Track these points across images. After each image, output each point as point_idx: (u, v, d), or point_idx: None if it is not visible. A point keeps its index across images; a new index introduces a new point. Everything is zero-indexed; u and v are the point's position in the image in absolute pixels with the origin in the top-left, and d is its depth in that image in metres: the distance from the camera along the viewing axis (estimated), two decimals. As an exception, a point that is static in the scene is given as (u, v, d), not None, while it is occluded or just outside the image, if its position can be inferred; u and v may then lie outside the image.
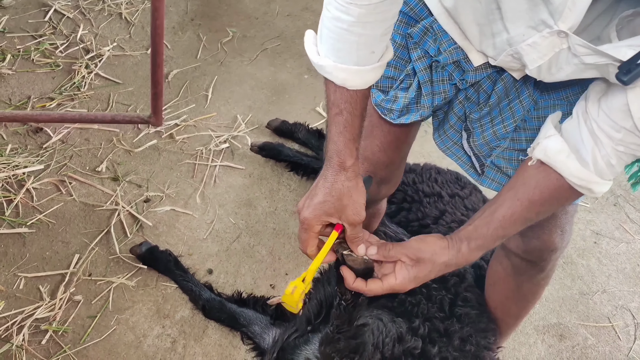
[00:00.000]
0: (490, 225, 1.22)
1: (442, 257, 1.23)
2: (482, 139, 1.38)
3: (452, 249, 1.24)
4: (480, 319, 1.74)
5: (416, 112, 1.40)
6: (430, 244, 1.24)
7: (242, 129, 2.60)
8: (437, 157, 2.65)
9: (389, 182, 1.63)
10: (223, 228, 2.28)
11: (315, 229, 1.22)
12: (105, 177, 2.35)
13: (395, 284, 1.24)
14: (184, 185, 2.39)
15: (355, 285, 1.25)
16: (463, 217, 1.99)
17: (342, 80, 1.17)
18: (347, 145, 1.20)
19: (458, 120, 1.42)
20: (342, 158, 1.20)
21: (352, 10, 1.10)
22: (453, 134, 1.44)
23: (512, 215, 1.21)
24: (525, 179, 1.21)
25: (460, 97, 1.39)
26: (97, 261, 2.11)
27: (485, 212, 1.25)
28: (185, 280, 2.03)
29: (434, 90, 1.37)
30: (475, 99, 1.38)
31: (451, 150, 1.46)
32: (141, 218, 2.24)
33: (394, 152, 1.54)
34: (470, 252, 1.24)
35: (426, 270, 1.24)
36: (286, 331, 1.77)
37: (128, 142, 2.49)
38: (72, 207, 2.25)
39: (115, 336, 1.95)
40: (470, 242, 1.24)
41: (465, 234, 1.25)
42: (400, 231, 1.96)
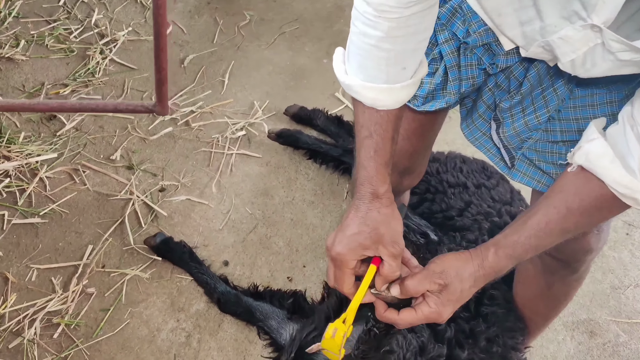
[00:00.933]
0: (522, 233, 1.11)
1: (467, 270, 1.12)
2: (512, 130, 1.28)
3: (475, 258, 1.13)
4: (507, 318, 1.66)
5: (442, 99, 1.31)
6: (449, 261, 1.13)
7: (259, 116, 2.52)
8: (462, 145, 2.54)
9: (413, 173, 1.54)
10: (239, 218, 2.22)
11: (350, 264, 1.13)
12: (120, 165, 2.30)
13: (430, 312, 1.13)
14: (199, 174, 2.33)
15: (387, 315, 1.16)
16: (489, 209, 1.89)
17: (371, 100, 1.09)
18: (378, 171, 1.11)
19: (487, 109, 1.32)
20: (375, 185, 1.12)
21: (380, 24, 1.02)
22: (482, 123, 1.34)
23: (547, 223, 1.09)
24: (563, 185, 1.09)
25: (489, 83, 1.29)
26: (110, 252, 2.06)
27: (518, 221, 1.14)
28: (201, 272, 1.97)
29: (462, 76, 1.28)
30: (506, 86, 1.28)
31: (480, 142, 1.37)
32: (156, 208, 2.18)
33: (418, 141, 1.45)
34: (499, 260, 1.12)
35: (456, 290, 1.13)
36: (304, 328, 1.71)
37: (143, 129, 2.43)
38: (85, 196, 2.20)
39: (129, 330, 1.90)
40: (498, 249, 1.13)
41: (492, 241, 1.15)
42: (424, 223, 1.87)
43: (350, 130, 2.40)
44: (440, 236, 1.83)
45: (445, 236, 1.82)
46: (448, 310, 1.14)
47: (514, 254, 1.12)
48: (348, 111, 2.60)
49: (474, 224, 1.84)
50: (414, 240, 1.77)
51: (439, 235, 1.83)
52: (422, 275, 1.13)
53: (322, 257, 2.15)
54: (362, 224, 1.11)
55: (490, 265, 1.12)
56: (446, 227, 1.85)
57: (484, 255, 1.13)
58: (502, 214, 1.88)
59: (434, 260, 1.16)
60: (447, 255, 1.16)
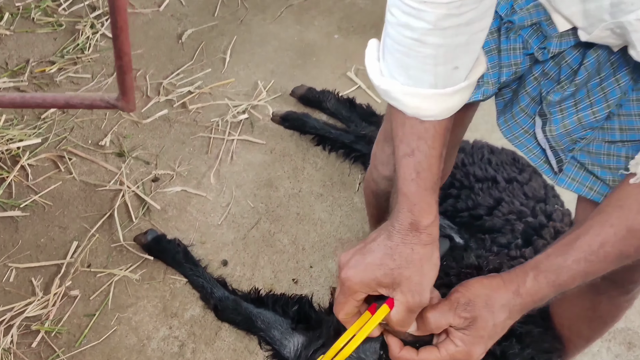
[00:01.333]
0: (569, 256, 0.90)
1: (500, 299, 0.91)
2: (562, 128, 1.06)
3: (509, 284, 0.92)
4: (543, 338, 1.45)
5: (477, 90, 1.09)
6: (477, 288, 0.92)
7: (263, 97, 2.29)
8: (487, 131, 2.30)
9: None
10: (240, 212, 2.01)
11: (357, 296, 0.93)
12: (109, 152, 2.09)
13: (457, 351, 0.92)
14: (197, 162, 2.11)
15: (403, 356, 0.95)
16: (522, 208, 1.67)
17: (414, 109, 0.88)
18: (422, 197, 0.90)
19: (531, 102, 1.10)
20: (416, 216, 0.90)
21: (426, 13, 0.80)
22: (524, 119, 1.12)
23: (601, 245, 0.88)
24: (622, 199, 0.89)
25: (535, 71, 1.07)
26: (97, 250, 1.87)
27: (563, 239, 0.93)
28: (196, 275, 1.77)
29: (502, 62, 1.07)
30: (555, 74, 1.05)
31: (520, 141, 1.15)
32: (148, 200, 1.98)
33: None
34: (539, 288, 0.91)
35: (487, 324, 0.91)
36: (310, 344, 1.51)
37: (136, 112, 2.21)
38: (71, 186, 1.99)
39: (116, 338, 1.71)
40: (538, 274, 0.91)
41: (531, 263, 0.93)
42: (447, 224, 1.65)
43: (364, 114, 2.17)
44: (466, 239, 1.61)
45: (472, 239, 1.61)
46: (479, 349, 0.93)
47: (557, 280, 0.91)
48: (361, 93, 2.36)
49: (505, 225, 1.61)
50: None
51: (464, 238, 1.61)
52: (445, 307, 0.92)
53: (331, 256, 1.94)
54: (387, 256, 0.91)
55: (528, 293, 0.91)
56: (473, 229, 1.63)
57: (520, 280, 0.91)
58: (537, 213, 1.66)
59: (458, 289, 0.95)
60: (474, 281, 0.94)
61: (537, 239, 1.61)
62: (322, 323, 1.57)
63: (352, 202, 2.06)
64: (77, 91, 2.22)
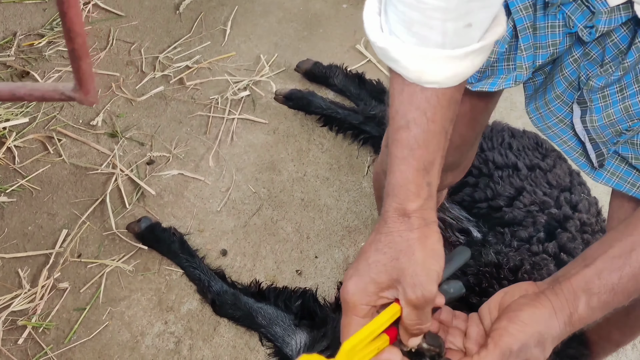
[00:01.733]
0: (624, 273, 0.77)
1: (552, 332, 0.77)
2: (605, 118, 0.92)
3: (561, 313, 0.77)
4: (569, 344, 1.32)
5: (506, 75, 0.95)
6: (529, 325, 0.76)
7: (266, 73, 2.14)
8: (506, 110, 2.15)
9: (458, 167, 1.18)
10: (241, 198, 1.88)
11: (359, 311, 0.77)
12: (101, 132, 1.96)
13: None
14: (194, 143, 1.98)
15: None
16: (546, 198, 1.53)
17: (417, 72, 0.74)
18: (411, 179, 0.77)
19: (568, 88, 0.96)
20: (401, 199, 0.77)
21: None
22: (559, 107, 0.97)
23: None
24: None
25: (575, 52, 0.93)
26: (88, 238, 1.75)
27: (612, 251, 0.79)
28: (193, 266, 1.65)
29: (538, 42, 0.92)
30: (599, 55, 0.91)
31: (553, 131, 1.00)
32: (143, 185, 1.85)
33: (468, 128, 1.09)
34: (592, 313, 0.78)
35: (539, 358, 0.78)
36: (314, 345, 1.39)
37: (130, 88, 2.07)
38: (60, 170, 1.87)
39: (107, 334, 1.61)
40: (591, 297, 0.78)
41: (581, 284, 0.78)
42: (464, 216, 1.52)
43: (374, 92, 2.02)
44: (484, 233, 1.48)
45: (491, 233, 1.47)
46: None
47: (612, 302, 0.79)
48: (371, 67, 2.20)
49: (527, 217, 1.48)
50: (451, 239, 1.42)
51: (482, 232, 1.48)
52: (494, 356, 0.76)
53: (337, 245, 1.82)
54: (378, 252, 0.77)
55: (580, 320, 0.78)
56: (492, 221, 1.50)
57: (572, 307, 0.78)
58: (562, 203, 1.52)
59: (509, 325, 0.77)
60: (525, 315, 0.77)
61: (562, 232, 1.47)
62: (327, 321, 1.46)
63: (361, 187, 1.93)
64: (67, 66, 2.08)
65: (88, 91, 0.70)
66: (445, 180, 1.18)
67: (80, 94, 0.71)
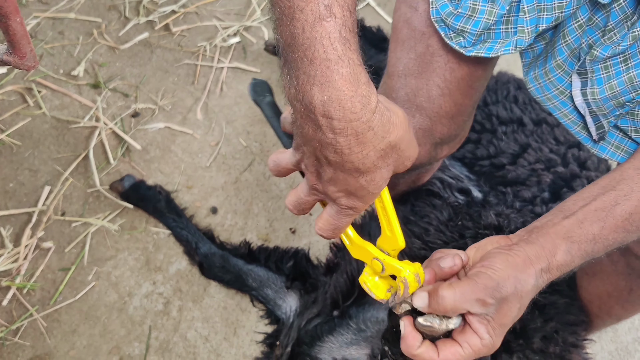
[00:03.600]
0: (607, 224, 0.77)
1: (529, 280, 0.76)
2: (607, 90, 0.84)
3: (538, 261, 0.77)
4: (569, 310, 1.27)
5: (505, 39, 0.88)
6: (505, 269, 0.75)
7: (257, 17, 2.01)
8: (513, 60, 2.03)
9: (454, 140, 1.10)
10: (231, 152, 1.79)
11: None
12: (83, 83, 1.85)
13: (484, 345, 0.76)
14: (182, 93, 1.87)
15: (421, 353, 0.77)
16: (552, 155, 1.44)
17: None
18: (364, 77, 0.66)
19: (570, 56, 0.88)
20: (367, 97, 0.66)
21: None
22: (560, 77, 0.90)
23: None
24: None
25: (581, 16, 0.85)
26: (72, 196, 1.68)
27: (595, 203, 0.78)
28: (180, 226, 1.59)
29: (543, 4, 0.84)
30: (602, 20, 0.83)
31: (554, 103, 0.93)
32: (127, 139, 1.76)
33: (464, 97, 1.01)
34: (571, 260, 0.78)
35: (513, 311, 0.77)
36: (304, 312, 1.34)
37: (113, 35, 1.95)
38: (41, 123, 1.78)
39: (94, 295, 1.56)
40: (571, 245, 0.77)
41: (562, 231, 0.78)
42: (464, 175, 1.43)
43: (373, 39, 1.89)
44: (485, 192, 1.39)
45: (493, 192, 1.39)
46: (502, 336, 0.79)
47: (592, 252, 0.79)
48: (370, 12, 2.07)
49: (531, 176, 1.40)
50: (450, 200, 1.34)
51: (483, 192, 1.40)
52: (468, 288, 0.74)
53: (333, 202, 1.74)
54: None
55: (558, 268, 0.78)
56: (494, 180, 1.41)
57: (549, 254, 0.77)
58: (569, 161, 1.44)
59: (481, 269, 0.76)
60: (499, 260, 0.77)
61: (567, 192, 1.39)
62: (318, 285, 1.40)
63: (357, 141, 1.84)
64: (46, 12, 1.95)
65: (24, 54, 0.61)
66: (440, 153, 1.10)
67: (15, 58, 0.61)
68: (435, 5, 0.90)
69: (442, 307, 0.75)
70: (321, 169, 0.71)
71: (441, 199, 1.33)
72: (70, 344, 1.49)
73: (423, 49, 0.96)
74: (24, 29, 0.50)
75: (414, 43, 0.97)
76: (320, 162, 0.70)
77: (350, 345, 1.21)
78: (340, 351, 1.23)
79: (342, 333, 1.25)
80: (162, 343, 1.52)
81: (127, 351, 1.50)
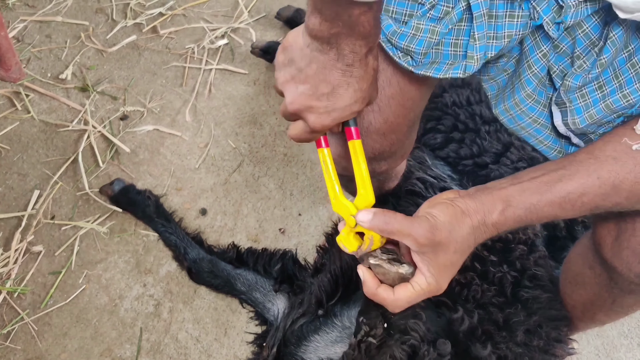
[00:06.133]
0: (544, 197, 0.82)
1: (464, 229, 0.82)
2: (588, 119, 0.87)
3: (475, 215, 0.83)
4: (552, 305, 1.29)
5: (453, 61, 0.89)
6: (441, 215, 0.82)
7: (245, 19, 2.02)
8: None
9: (391, 156, 1.11)
10: (220, 154, 1.81)
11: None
12: (71, 86, 1.86)
13: (429, 285, 0.84)
14: (170, 96, 1.88)
15: (379, 293, 0.86)
16: (534, 153, 1.46)
17: None
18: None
19: (539, 85, 0.90)
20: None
21: None
22: (531, 107, 0.92)
23: (581, 196, 0.81)
24: (618, 153, 0.80)
25: (543, 45, 0.87)
26: (61, 199, 1.69)
27: (542, 177, 0.84)
28: (168, 231, 1.60)
29: (493, 32, 0.86)
30: (569, 47, 0.85)
31: (528, 132, 0.96)
32: (116, 141, 1.77)
33: (396, 116, 1.03)
34: (505, 221, 0.84)
35: (449, 254, 0.83)
36: (290, 313, 1.36)
37: (100, 38, 1.96)
38: (29, 127, 1.78)
39: (85, 298, 1.57)
40: (507, 208, 0.83)
41: (503, 195, 0.83)
42: (447, 174, 1.45)
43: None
44: (469, 192, 1.41)
45: (477, 192, 1.41)
46: (445, 279, 0.86)
47: (525, 219, 0.84)
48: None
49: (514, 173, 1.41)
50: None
51: (467, 191, 1.41)
52: (406, 223, 0.81)
53: (322, 202, 1.76)
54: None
55: (493, 224, 0.84)
56: (478, 179, 1.43)
57: (487, 211, 0.83)
58: (551, 159, 1.45)
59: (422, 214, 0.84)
60: (439, 208, 0.83)
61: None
62: (305, 287, 1.42)
63: (345, 141, 1.85)
64: (33, 16, 1.95)
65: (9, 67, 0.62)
66: (378, 168, 1.13)
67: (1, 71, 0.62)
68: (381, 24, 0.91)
69: (377, 225, 0.82)
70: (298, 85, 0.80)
71: (424, 199, 1.35)
72: (62, 347, 1.50)
73: None
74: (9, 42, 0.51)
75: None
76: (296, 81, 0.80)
77: (336, 344, 1.23)
78: (326, 350, 1.25)
79: (328, 332, 1.27)
80: (154, 345, 1.54)
81: (119, 353, 1.52)
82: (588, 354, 1.62)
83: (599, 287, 1.15)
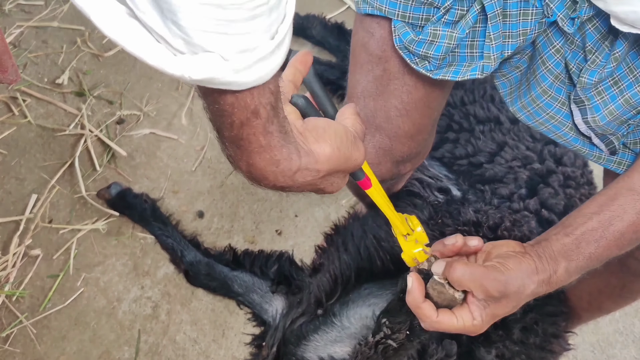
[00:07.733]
0: (601, 242, 0.83)
1: (531, 286, 0.82)
2: (608, 116, 0.87)
3: (542, 273, 0.83)
4: (548, 301, 1.30)
5: (470, 63, 0.90)
6: (515, 270, 0.81)
7: (240, 23, 2.04)
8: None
9: (416, 157, 1.13)
10: (216, 156, 1.82)
11: None
12: (68, 91, 1.87)
13: (473, 325, 0.83)
14: (166, 99, 1.90)
15: (424, 308, 0.84)
16: (528, 153, 1.48)
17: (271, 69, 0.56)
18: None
19: (555, 81, 0.90)
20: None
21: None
22: (548, 103, 0.92)
23: (634, 232, 0.83)
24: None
25: (556, 41, 0.87)
26: (59, 203, 1.70)
27: (593, 221, 0.83)
28: (165, 235, 1.61)
29: (508, 31, 0.86)
30: (581, 42, 0.86)
31: (547, 127, 0.96)
32: (113, 145, 1.78)
33: (422, 117, 1.04)
34: (569, 277, 0.85)
35: (509, 306, 0.83)
36: (289, 313, 1.37)
37: (96, 43, 1.97)
38: (27, 132, 1.79)
39: (83, 301, 1.58)
40: (570, 263, 0.83)
41: (561, 250, 0.83)
42: (443, 173, 1.47)
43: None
44: (464, 191, 1.43)
45: (471, 190, 1.43)
46: (488, 325, 0.85)
47: (587, 267, 0.85)
48: (351, 15, 2.10)
49: (508, 174, 1.43)
50: (430, 199, 1.37)
51: (463, 190, 1.43)
52: (479, 273, 0.81)
53: (318, 203, 1.78)
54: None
55: (557, 282, 0.85)
56: (472, 178, 1.45)
57: (552, 270, 0.84)
58: (545, 157, 1.47)
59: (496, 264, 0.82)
60: (513, 261, 0.83)
61: (543, 188, 1.43)
62: (303, 287, 1.43)
63: (340, 142, 1.87)
64: (29, 21, 1.97)
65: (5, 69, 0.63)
66: (403, 169, 1.14)
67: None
68: (397, 33, 0.92)
69: (450, 277, 0.82)
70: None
71: (421, 198, 1.36)
72: (61, 349, 1.51)
73: (380, 72, 0.99)
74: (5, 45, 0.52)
75: (372, 67, 1.00)
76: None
77: (335, 343, 1.24)
78: (325, 349, 1.26)
79: (327, 331, 1.28)
80: (152, 346, 1.54)
81: (117, 355, 1.52)
82: (584, 350, 1.64)
83: (607, 273, 1.17)
